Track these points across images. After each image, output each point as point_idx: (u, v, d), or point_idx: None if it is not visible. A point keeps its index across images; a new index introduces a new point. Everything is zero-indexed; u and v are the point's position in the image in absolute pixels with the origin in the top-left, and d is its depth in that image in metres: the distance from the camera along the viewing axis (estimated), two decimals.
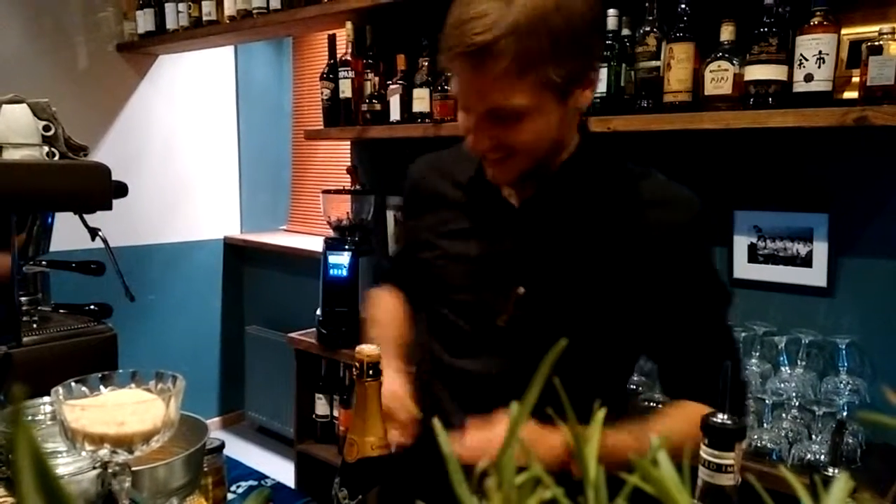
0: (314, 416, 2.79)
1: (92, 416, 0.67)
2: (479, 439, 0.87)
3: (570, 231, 1.02)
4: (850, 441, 1.50)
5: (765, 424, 1.60)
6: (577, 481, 0.24)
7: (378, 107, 2.37)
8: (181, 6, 2.90)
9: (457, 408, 1.07)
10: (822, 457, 1.49)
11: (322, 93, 2.51)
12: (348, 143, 2.89)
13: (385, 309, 1.25)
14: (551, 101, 0.91)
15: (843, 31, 1.54)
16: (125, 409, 0.67)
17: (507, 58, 0.85)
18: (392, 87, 2.31)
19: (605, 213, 1.02)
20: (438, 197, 1.14)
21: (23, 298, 1.53)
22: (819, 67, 1.49)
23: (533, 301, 1.01)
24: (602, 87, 1.80)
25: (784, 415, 1.59)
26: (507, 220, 1.05)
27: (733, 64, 1.60)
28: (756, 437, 1.58)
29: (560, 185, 1.02)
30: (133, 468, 0.75)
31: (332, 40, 2.52)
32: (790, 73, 1.54)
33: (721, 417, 0.61)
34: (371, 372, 0.88)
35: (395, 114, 2.30)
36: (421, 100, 2.22)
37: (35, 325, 1.52)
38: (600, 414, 0.24)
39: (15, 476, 0.20)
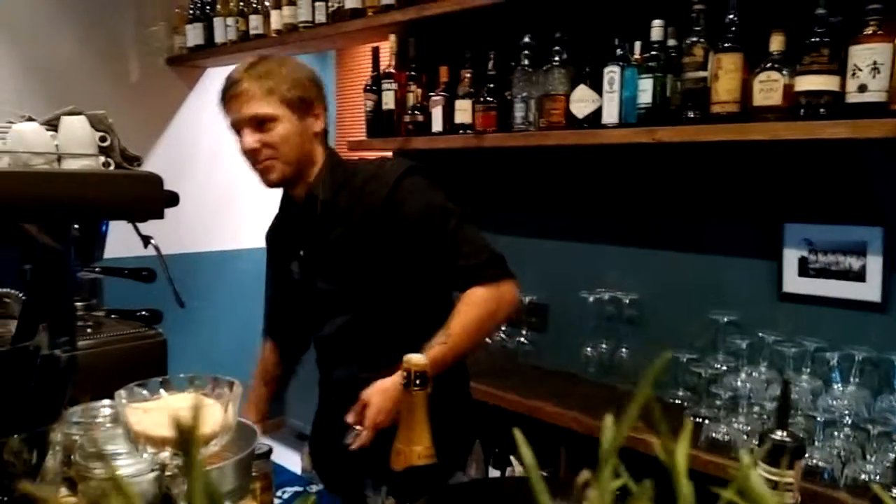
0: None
1: (154, 420, 0.68)
2: (379, 400, 1.27)
3: (333, 212, 1.46)
4: None
5: (816, 443, 1.55)
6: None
7: (420, 118, 2.39)
8: (229, 20, 2.97)
9: (332, 367, 1.57)
10: (878, 477, 1.44)
11: (365, 104, 2.54)
12: (391, 154, 2.91)
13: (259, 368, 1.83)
14: (289, 115, 1.42)
15: None
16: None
17: (254, 83, 1.41)
18: (434, 98, 2.32)
19: (348, 195, 1.47)
20: (275, 229, 1.71)
21: (78, 304, 1.58)
22: (873, 77, 1.46)
23: (310, 262, 1.51)
24: (647, 97, 1.79)
25: (836, 433, 1.54)
26: (297, 215, 1.54)
27: (783, 74, 1.57)
28: (808, 455, 1.53)
29: (320, 184, 1.48)
30: None
31: (375, 53, 2.55)
32: (843, 84, 1.50)
33: (780, 434, 0.59)
34: (418, 381, 0.89)
35: (437, 125, 2.32)
36: (463, 111, 2.23)
37: (89, 330, 1.57)
38: (689, 425, 0.24)
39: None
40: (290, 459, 3.37)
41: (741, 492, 0.19)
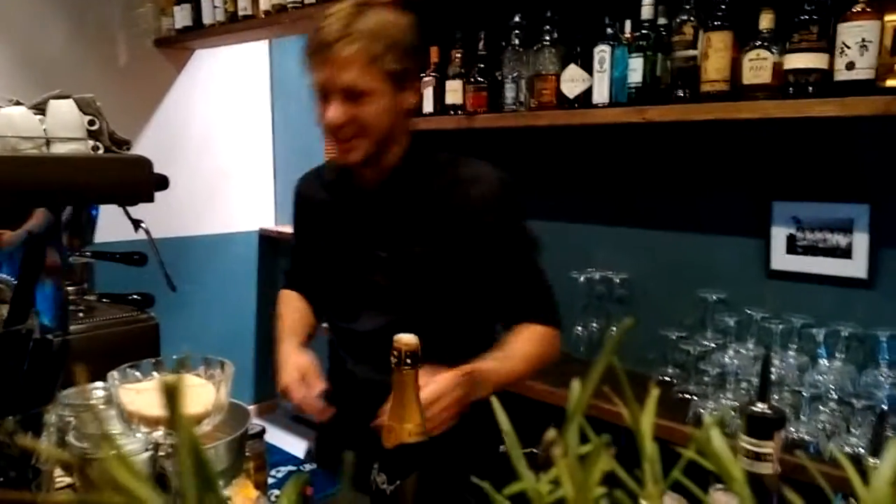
0: None
1: (147, 400, 0.69)
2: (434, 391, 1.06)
3: (413, 206, 1.29)
4: (891, 434, 1.48)
5: (802, 417, 1.58)
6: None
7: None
8: (217, 1, 2.94)
9: (354, 363, 1.37)
10: (861, 450, 1.47)
11: None
12: None
13: (288, 304, 1.50)
14: (388, 88, 1.20)
15: (887, 18, 1.50)
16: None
17: (357, 46, 1.14)
18: (425, 79, 2.32)
19: (434, 191, 1.29)
20: (317, 202, 1.42)
21: (69, 288, 1.58)
22: (861, 55, 1.46)
23: (393, 263, 1.29)
24: (637, 76, 1.79)
25: (822, 407, 1.57)
26: (364, 201, 1.33)
27: (772, 52, 1.57)
28: (793, 429, 1.56)
29: (402, 171, 1.29)
30: None
31: None
32: (831, 62, 1.51)
33: (761, 407, 0.61)
34: (409, 360, 0.90)
35: (427, 106, 2.31)
36: (454, 92, 2.23)
37: (81, 314, 1.57)
38: (654, 393, 0.25)
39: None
40: (283, 440, 3.40)
41: (701, 452, 0.20)
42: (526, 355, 1.25)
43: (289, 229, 3.58)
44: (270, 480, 1.20)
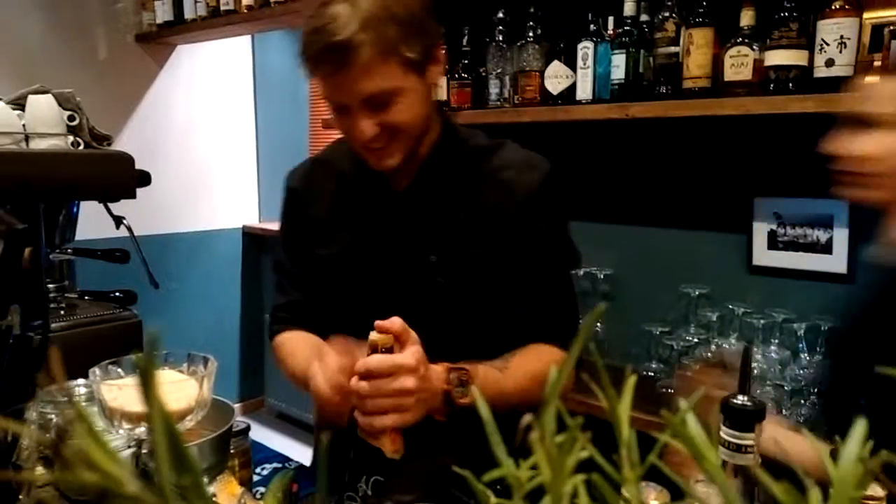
0: None
1: (129, 396, 0.69)
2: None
3: (452, 203, 1.13)
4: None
5: (783, 411, 1.60)
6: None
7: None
8: None
9: None
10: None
11: None
12: None
13: (292, 347, 1.20)
14: (414, 79, 1.02)
15: (865, 16, 1.52)
16: (161, 389, 0.69)
17: (368, 48, 0.95)
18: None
19: (474, 184, 1.13)
20: (324, 198, 1.21)
21: (50, 286, 1.56)
22: (840, 52, 1.48)
23: (443, 267, 1.11)
24: (620, 73, 1.80)
25: (803, 401, 1.59)
26: (397, 198, 1.14)
27: (753, 49, 1.59)
28: None
29: (437, 162, 1.13)
30: None
31: None
32: (811, 59, 1.53)
33: (741, 399, 0.61)
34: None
35: None
36: (438, 88, 2.23)
37: (62, 312, 1.55)
38: (632, 379, 0.26)
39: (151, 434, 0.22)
40: (269, 438, 3.39)
41: (677, 435, 0.20)
42: (529, 373, 1.04)
43: (272, 226, 3.58)
44: (255, 478, 1.19)
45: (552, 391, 0.22)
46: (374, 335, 0.88)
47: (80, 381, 0.87)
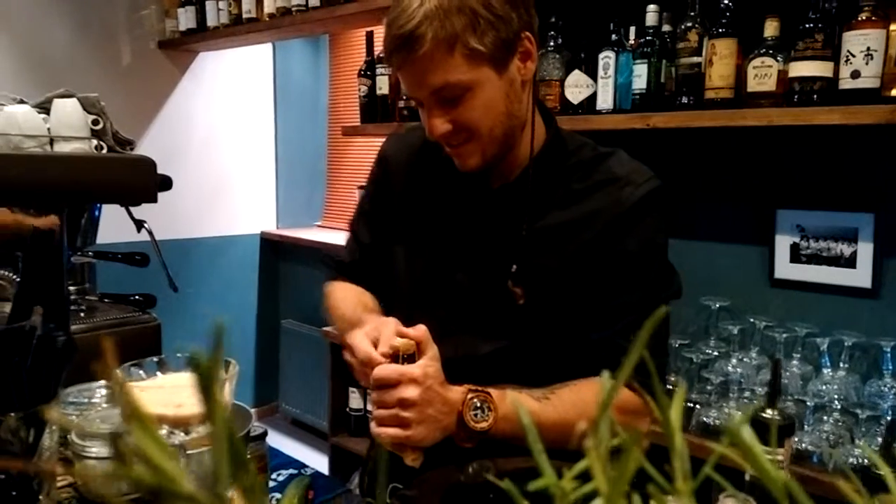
0: (348, 409, 2.82)
1: (151, 398, 0.69)
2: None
3: (543, 211, 1.05)
4: None
5: (806, 427, 1.57)
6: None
7: (414, 103, 2.38)
8: (221, 4, 2.95)
9: None
10: (865, 461, 1.46)
11: (359, 89, 2.53)
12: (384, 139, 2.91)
13: (345, 294, 1.19)
14: (488, 73, 0.95)
15: (893, 27, 1.51)
16: (183, 392, 0.69)
17: (429, 39, 0.91)
18: None
19: (569, 194, 1.05)
20: (415, 182, 1.16)
21: (71, 288, 1.57)
22: (867, 64, 1.46)
23: (524, 278, 1.03)
24: (641, 83, 1.79)
25: (826, 417, 1.56)
26: (491, 197, 1.08)
27: (777, 60, 1.57)
28: (797, 439, 1.55)
29: (535, 170, 1.05)
30: None
31: (369, 37, 2.54)
32: (836, 70, 1.51)
33: (770, 413, 0.60)
34: (405, 364, 0.89)
35: None
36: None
37: (82, 315, 1.57)
38: (681, 390, 0.25)
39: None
40: (283, 444, 3.39)
41: (734, 444, 0.20)
42: (577, 405, 0.93)
43: (290, 233, 3.60)
44: (271, 484, 1.19)
45: (607, 398, 0.21)
46: (396, 340, 0.88)
47: (101, 382, 0.87)
